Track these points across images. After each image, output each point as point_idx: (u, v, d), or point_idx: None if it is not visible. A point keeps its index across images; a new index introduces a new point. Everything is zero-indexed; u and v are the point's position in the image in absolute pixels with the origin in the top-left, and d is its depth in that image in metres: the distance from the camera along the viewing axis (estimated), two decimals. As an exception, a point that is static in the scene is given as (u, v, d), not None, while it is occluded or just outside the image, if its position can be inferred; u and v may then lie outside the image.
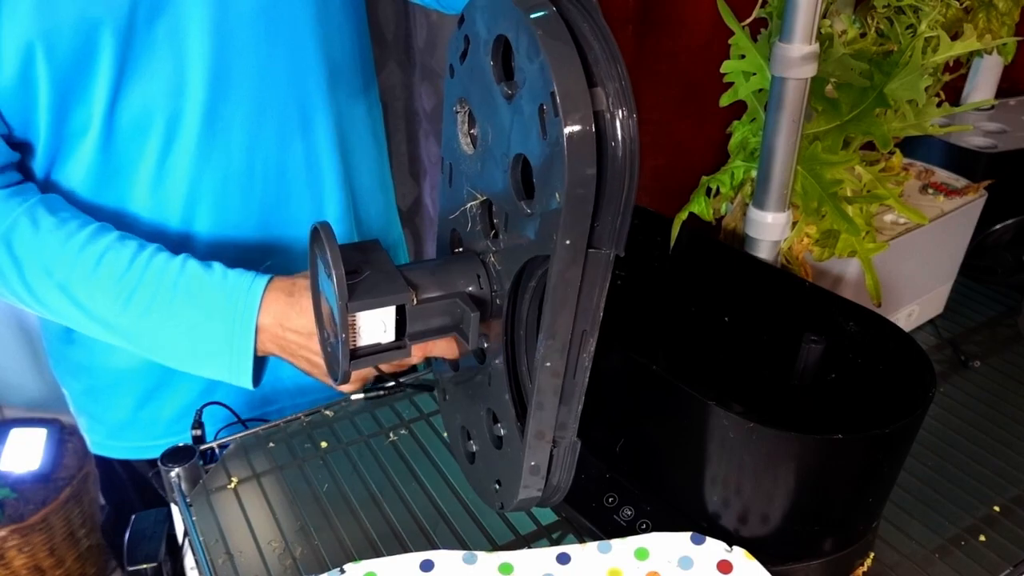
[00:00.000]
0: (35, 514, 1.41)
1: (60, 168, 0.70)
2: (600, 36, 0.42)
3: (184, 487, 0.72)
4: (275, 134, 0.75)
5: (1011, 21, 0.87)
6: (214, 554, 0.67)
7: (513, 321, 0.55)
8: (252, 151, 0.74)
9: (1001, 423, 0.83)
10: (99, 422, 0.88)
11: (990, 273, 1.05)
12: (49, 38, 0.61)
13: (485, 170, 0.52)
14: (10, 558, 1.41)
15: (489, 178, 0.52)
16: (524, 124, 0.45)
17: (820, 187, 0.78)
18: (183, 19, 0.66)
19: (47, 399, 1.58)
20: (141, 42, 0.65)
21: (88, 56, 0.63)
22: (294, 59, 0.74)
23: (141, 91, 0.67)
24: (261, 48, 0.71)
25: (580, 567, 0.58)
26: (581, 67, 0.41)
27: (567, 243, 0.44)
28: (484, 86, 0.49)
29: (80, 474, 1.50)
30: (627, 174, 0.42)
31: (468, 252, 0.58)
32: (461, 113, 0.54)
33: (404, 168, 1.41)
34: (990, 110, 1.23)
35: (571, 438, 0.55)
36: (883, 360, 0.65)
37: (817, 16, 0.68)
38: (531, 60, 0.42)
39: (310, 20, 0.74)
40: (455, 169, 0.58)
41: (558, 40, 0.41)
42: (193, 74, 0.68)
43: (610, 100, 0.41)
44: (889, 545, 0.68)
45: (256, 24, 0.70)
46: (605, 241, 0.45)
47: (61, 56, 0.62)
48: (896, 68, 0.74)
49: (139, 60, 0.66)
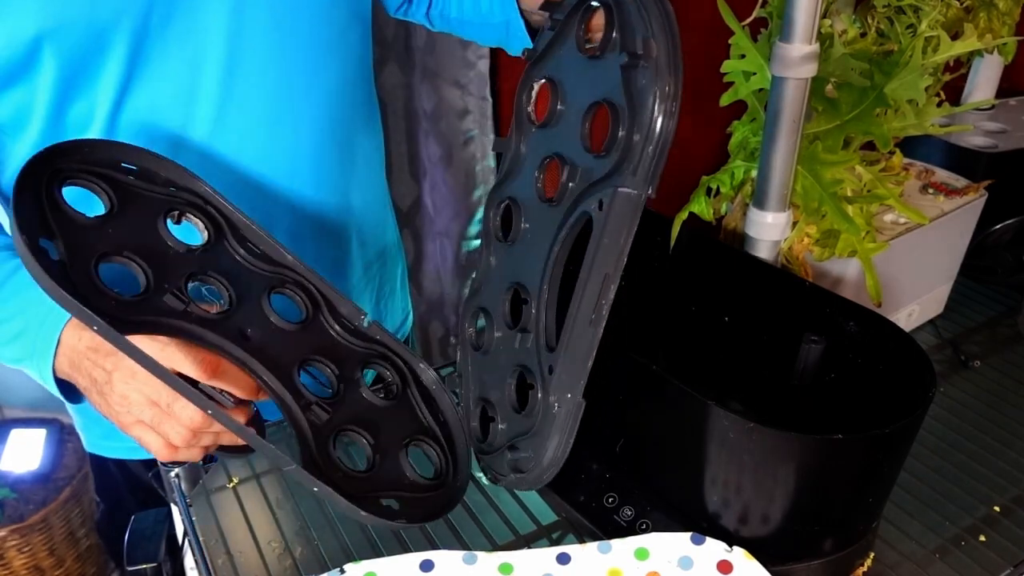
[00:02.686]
0: (35, 514, 1.41)
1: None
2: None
3: (184, 487, 0.72)
4: (284, 143, 0.74)
5: (1011, 21, 0.87)
6: (214, 554, 0.67)
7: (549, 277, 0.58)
8: (260, 159, 0.74)
9: (1001, 423, 0.83)
10: (95, 421, 0.88)
11: (990, 273, 1.05)
12: (58, 33, 0.60)
13: (557, 132, 0.59)
14: (10, 558, 1.41)
15: (560, 138, 0.58)
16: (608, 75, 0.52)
17: (820, 187, 0.78)
18: (198, 24, 0.65)
19: (47, 399, 1.57)
20: (153, 45, 0.64)
21: (97, 55, 0.63)
22: (306, 67, 0.73)
23: (149, 94, 0.67)
24: (274, 56, 0.70)
25: (580, 567, 0.58)
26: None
27: (624, 189, 0.50)
28: (573, 56, 0.56)
29: (80, 474, 1.50)
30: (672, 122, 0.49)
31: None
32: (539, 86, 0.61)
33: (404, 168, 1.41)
34: (990, 110, 1.23)
35: (577, 399, 0.54)
36: (883, 360, 0.65)
37: (817, 16, 0.68)
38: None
39: (323, 26, 0.74)
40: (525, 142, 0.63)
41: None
42: (205, 80, 0.68)
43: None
44: (889, 545, 0.68)
45: (270, 34, 0.69)
46: (640, 183, 0.50)
47: (69, 52, 0.62)
48: (896, 68, 0.74)
49: (150, 63, 0.65)
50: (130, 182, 0.60)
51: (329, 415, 0.60)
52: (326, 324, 0.65)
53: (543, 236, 0.58)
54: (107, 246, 0.56)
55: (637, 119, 0.50)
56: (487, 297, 0.65)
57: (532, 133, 0.62)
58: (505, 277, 0.63)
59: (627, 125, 0.50)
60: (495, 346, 0.63)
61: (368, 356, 0.66)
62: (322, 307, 0.65)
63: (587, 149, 0.55)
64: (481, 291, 0.66)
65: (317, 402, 0.60)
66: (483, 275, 0.66)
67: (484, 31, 0.85)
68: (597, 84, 0.54)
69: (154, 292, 0.57)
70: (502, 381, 0.61)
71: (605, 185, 0.52)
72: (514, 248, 0.62)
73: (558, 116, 0.59)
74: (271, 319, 0.62)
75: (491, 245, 0.65)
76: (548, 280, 0.57)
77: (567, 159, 0.57)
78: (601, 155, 0.53)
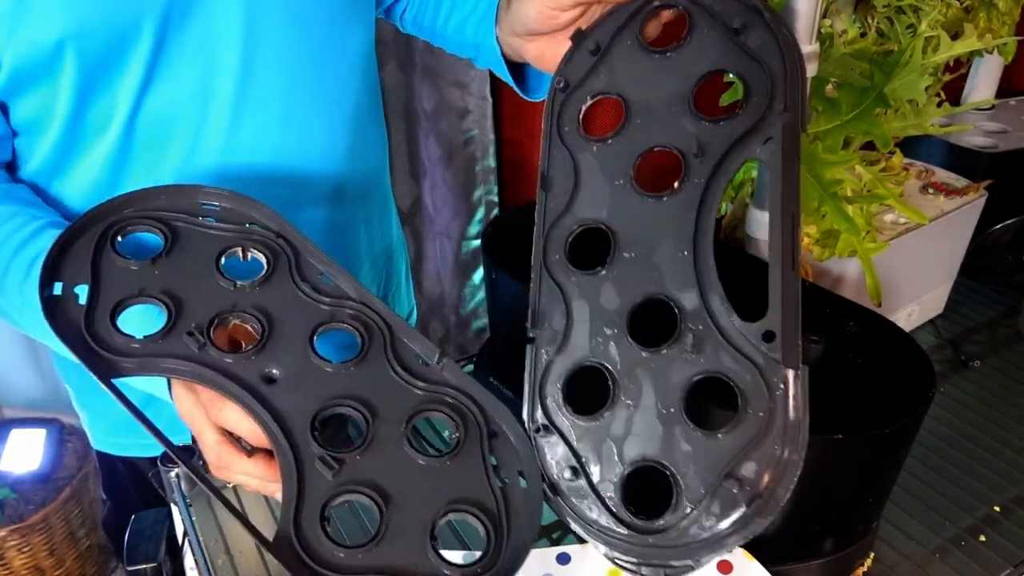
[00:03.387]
0: (35, 514, 1.41)
1: (72, 165, 0.70)
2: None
3: (184, 487, 0.72)
4: (298, 139, 0.75)
5: (1011, 21, 0.87)
6: (214, 554, 0.67)
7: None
8: (274, 155, 0.74)
9: (1001, 423, 0.83)
10: (102, 418, 0.88)
11: (990, 273, 1.05)
12: (81, 36, 0.61)
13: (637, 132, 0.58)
14: (10, 558, 1.41)
15: (645, 134, 0.58)
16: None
17: (820, 187, 0.78)
18: (214, 24, 0.66)
19: (47, 399, 1.58)
20: (171, 46, 0.65)
21: (117, 57, 0.63)
22: (319, 63, 0.74)
23: (167, 95, 0.67)
24: (289, 54, 0.71)
25: (580, 567, 0.57)
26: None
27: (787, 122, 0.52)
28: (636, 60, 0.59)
29: (80, 474, 1.50)
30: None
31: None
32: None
33: (404, 168, 1.41)
34: (990, 110, 1.23)
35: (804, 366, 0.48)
36: (883, 360, 0.65)
37: (817, 16, 0.68)
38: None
39: (334, 23, 0.74)
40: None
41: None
42: (221, 79, 0.68)
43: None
44: (889, 545, 0.68)
45: (285, 31, 0.70)
46: (797, 116, 0.52)
47: (90, 55, 0.62)
48: (896, 68, 0.74)
49: (168, 64, 0.66)
50: (193, 222, 0.60)
51: (336, 471, 0.51)
52: (383, 362, 0.56)
53: (665, 232, 0.54)
54: (139, 287, 0.56)
55: (768, 66, 0.54)
56: (583, 347, 0.55)
57: (593, 150, 0.58)
58: (608, 308, 0.55)
59: (758, 80, 0.54)
60: (626, 394, 0.52)
61: (426, 401, 0.55)
62: (383, 343, 0.57)
63: (704, 119, 0.55)
64: (569, 346, 0.55)
65: (329, 456, 0.51)
66: (565, 331, 0.55)
67: (454, 46, 0.85)
68: (695, 63, 0.57)
69: (172, 333, 0.55)
70: (664, 424, 0.51)
71: (758, 131, 0.53)
72: (614, 270, 0.55)
73: (634, 118, 0.57)
74: (311, 358, 0.55)
75: (566, 286, 0.56)
76: (704, 261, 0.53)
77: (675, 145, 0.55)
78: (727, 118, 0.54)
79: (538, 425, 0.53)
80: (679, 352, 0.51)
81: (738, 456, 0.48)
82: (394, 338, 0.57)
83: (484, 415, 0.55)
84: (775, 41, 0.54)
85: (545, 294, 0.56)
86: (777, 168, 0.51)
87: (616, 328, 0.54)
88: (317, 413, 0.53)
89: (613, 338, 0.54)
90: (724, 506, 0.48)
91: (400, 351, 0.57)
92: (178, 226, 0.59)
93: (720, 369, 0.50)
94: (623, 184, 0.56)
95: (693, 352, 0.51)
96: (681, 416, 0.50)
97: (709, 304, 0.52)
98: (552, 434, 0.53)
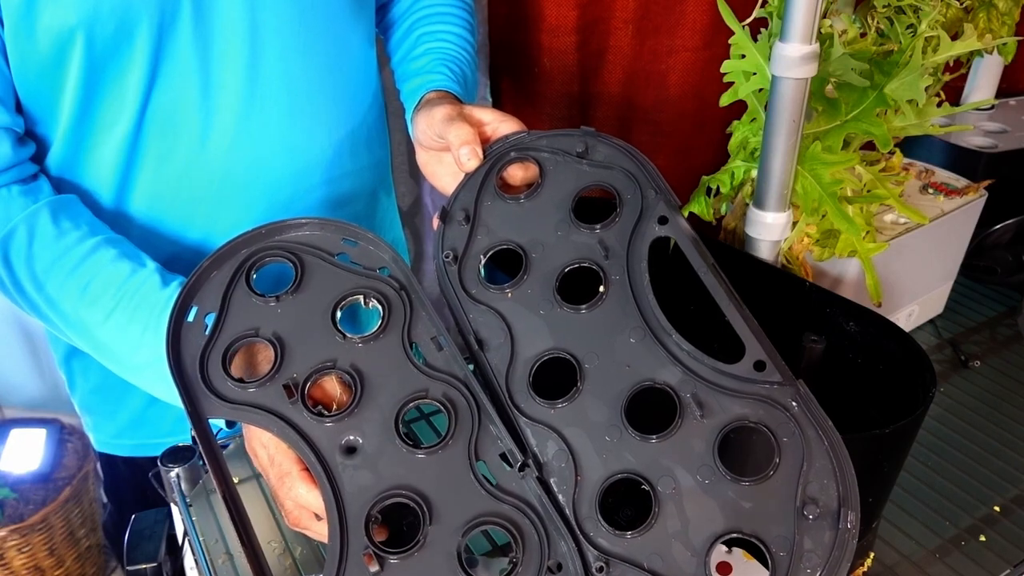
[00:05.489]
0: (35, 514, 1.41)
1: (83, 161, 0.70)
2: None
3: (184, 487, 0.72)
4: (304, 134, 0.75)
5: (1011, 21, 0.87)
6: (214, 554, 0.67)
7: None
8: (281, 153, 0.74)
9: (1001, 423, 0.83)
10: (108, 420, 0.88)
11: (990, 273, 1.05)
12: (90, 25, 0.61)
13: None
14: (10, 558, 1.41)
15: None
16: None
17: (820, 187, 0.78)
18: (217, 18, 0.66)
19: (47, 399, 1.57)
20: (175, 40, 0.65)
21: (124, 48, 0.64)
22: (324, 59, 0.75)
23: (174, 92, 0.67)
24: (294, 49, 0.72)
25: (580, 567, 0.57)
26: None
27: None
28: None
29: (80, 474, 1.50)
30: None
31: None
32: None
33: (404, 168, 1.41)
34: (990, 110, 1.23)
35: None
36: (883, 360, 0.65)
37: (817, 16, 0.68)
38: None
39: (337, 18, 0.75)
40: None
41: None
42: (228, 76, 0.69)
43: None
44: (889, 545, 0.68)
45: (290, 26, 0.71)
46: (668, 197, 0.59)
47: (99, 45, 0.63)
48: (896, 68, 0.74)
49: (172, 59, 0.66)
50: (326, 259, 0.59)
51: (377, 571, 0.48)
52: (463, 457, 0.52)
53: (615, 329, 0.55)
54: (256, 325, 0.56)
55: (622, 167, 0.61)
56: (597, 468, 0.52)
57: (508, 296, 0.58)
58: (600, 421, 0.53)
59: (621, 181, 0.60)
60: (663, 486, 0.50)
61: (488, 513, 0.50)
62: (468, 434, 0.53)
63: (593, 228, 0.59)
64: (582, 473, 0.52)
65: (375, 551, 0.48)
66: (572, 461, 0.52)
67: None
68: (560, 192, 0.61)
69: (271, 380, 0.54)
70: (712, 495, 0.49)
71: (646, 218, 0.58)
72: (587, 385, 0.54)
73: (531, 254, 0.60)
74: (393, 438, 0.52)
75: (551, 421, 0.54)
76: (665, 336, 0.54)
77: (582, 257, 0.59)
78: (612, 219, 0.59)
79: (596, 563, 0.49)
80: (690, 423, 0.51)
81: (799, 483, 0.48)
82: (481, 430, 0.53)
83: (549, 546, 0.50)
84: (615, 148, 0.61)
85: (533, 438, 0.53)
86: (684, 237, 0.56)
87: (619, 434, 0.52)
88: (378, 499, 0.50)
89: (622, 444, 0.52)
90: (814, 537, 0.47)
91: (482, 446, 0.53)
92: (308, 260, 0.58)
93: (735, 418, 0.51)
94: (551, 310, 0.57)
95: (702, 416, 0.51)
96: (726, 478, 0.49)
97: (690, 368, 0.53)
98: (616, 564, 0.49)
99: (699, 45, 1.06)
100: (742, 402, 0.51)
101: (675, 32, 1.05)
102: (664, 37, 1.05)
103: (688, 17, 1.04)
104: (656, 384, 0.53)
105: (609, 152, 0.61)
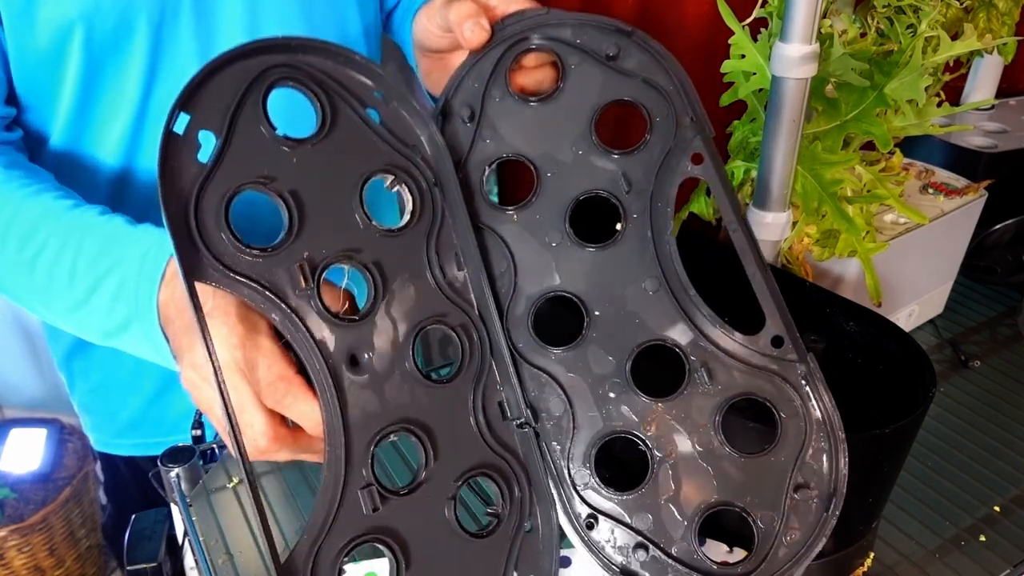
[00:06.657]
0: (35, 514, 1.41)
1: (83, 154, 0.70)
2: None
3: (184, 487, 0.72)
4: (303, 126, 0.76)
5: (1011, 21, 0.87)
6: (214, 554, 0.67)
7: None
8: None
9: (1001, 423, 0.83)
10: (108, 420, 0.88)
11: (990, 273, 1.05)
12: (90, 19, 0.61)
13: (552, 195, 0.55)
14: (10, 558, 1.41)
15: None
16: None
17: (820, 187, 0.78)
18: (215, 11, 0.66)
19: (47, 399, 1.58)
20: (176, 33, 0.66)
21: (124, 41, 0.64)
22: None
23: (175, 81, 0.67)
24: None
25: (580, 568, 0.57)
26: None
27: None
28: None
29: (80, 474, 1.50)
30: None
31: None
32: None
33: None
34: (990, 110, 1.23)
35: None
36: (883, 360, 0.65)
37: (817, 16, 0.68)
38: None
39: (348, 15, 0.75)
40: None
41: None
42: None
43: None
44: (889, 545, 0.68)
45: (288, 21, 0.70)
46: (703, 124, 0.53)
47: (99, 38, 0.62)
48: (896, 68, 0.74)
49: (174, 51, 0.66)
50: (358, 111, 0.47)
51: (376, 508, 0.44)
52: (468, 396, 0.48)
53: (627, 276, 0.51)
54: (270, 171, 0.44)
55: (655, 83, 0.53)
56: (596, 422, 0.51)
57: (514, 219, 0.53)
58: (604, 373, 0.51)
59: (652, 99, 0.53)
60: (660, 449, 0.49)
61: (485, 465, 0.48)
62: (476, 374, 0.49)
63: (617, 152, 0.53)
64: (580, 427, 0.50)
65: (378, 490, 0.44)
66: (570, 413, 0.51)
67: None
68: (581, 100, 0.53)
69: (281, 253, 0.44)
70: (710, 464, 0.49)
71: (678, 150, 0.52)
72: (593, 333, 0.51)
73: (544, 173, 0.53)
74: (405, 359, 0.46)
75: (550, 367, 0.51)
76: (681, 292, 0.51)
77: (600, 188, 0.53)
78: (639, 146, 0.53)
79: (585, 518, 0.49)
80: (696, 389, 0.50)
81: (796, 463, 0.48)
82: (489, 374, 0.49)
83: (530, 505, 0.49)
84: (652, 58, 0.53)
85: (530, 384, 0.50)
86: (716, 181, 0.51)
87: (621, 389, 0.50)
88: (382, 432, 0.45)
89: (622, 400, 0.50)
90: (801, 516, 0.47)
91: (489, 392, 0.49)
92: (341, 107, 0.47)
93: (743, 390, 0.49)
94: (561, 243, 0.52)
95: (710, 384, 0.50)
96: (724, 449, 0.48)
97: (705, 332, 0.51)
98: (604, 520, 0.49)
99: (698, 45, 1.06)
100: (752, 375, 0.49)
101: (675, 32, 1.05)
102: (664, 37, 1.05)
103: (688, 17, 1.04)
104: (667, 344, 0.50)
105: (644, 61, 0.52)
